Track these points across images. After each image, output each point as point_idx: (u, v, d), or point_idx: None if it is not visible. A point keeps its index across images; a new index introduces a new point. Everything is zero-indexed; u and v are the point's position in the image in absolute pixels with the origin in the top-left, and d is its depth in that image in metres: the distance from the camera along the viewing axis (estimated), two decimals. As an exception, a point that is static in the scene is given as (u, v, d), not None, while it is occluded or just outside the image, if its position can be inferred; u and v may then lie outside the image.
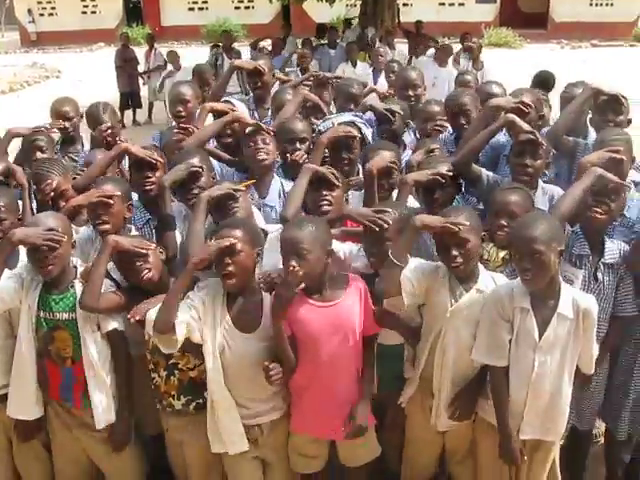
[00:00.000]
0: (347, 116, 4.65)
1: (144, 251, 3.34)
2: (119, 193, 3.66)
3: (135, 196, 4.00)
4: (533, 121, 4.20)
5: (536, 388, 3.15)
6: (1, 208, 3.65)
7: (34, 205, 4.11)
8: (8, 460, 3.75)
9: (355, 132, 4.20)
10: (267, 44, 13.12)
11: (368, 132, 4.60)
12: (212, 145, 4.79)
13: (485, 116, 4.16)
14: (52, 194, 3.97)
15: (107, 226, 3.63)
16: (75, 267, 3.46)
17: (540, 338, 3.10)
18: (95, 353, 3.38)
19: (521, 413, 3.21)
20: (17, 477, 3.81)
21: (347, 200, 4.01)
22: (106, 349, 3.44)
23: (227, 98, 5.59)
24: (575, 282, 3.52)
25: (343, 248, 3.54)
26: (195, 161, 3.84)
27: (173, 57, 12.97)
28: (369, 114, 4.95)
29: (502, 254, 3.53)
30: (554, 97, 5.44)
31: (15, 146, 4.90)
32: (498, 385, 3.22)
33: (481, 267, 3.32)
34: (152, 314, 3.15)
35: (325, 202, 3.69)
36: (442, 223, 3.13)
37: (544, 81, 6.38)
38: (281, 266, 3.21)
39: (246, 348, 3.23)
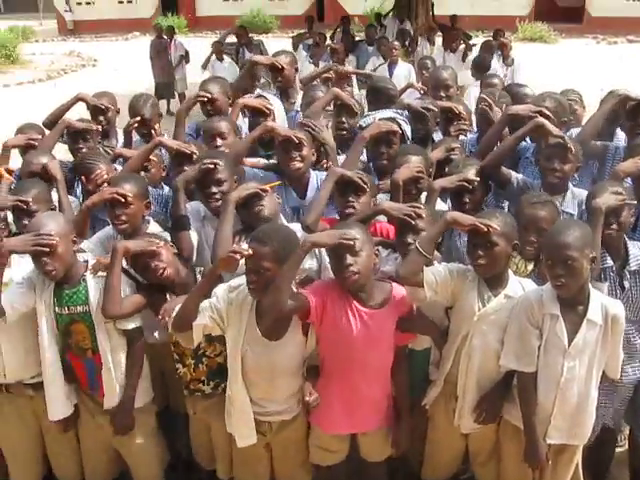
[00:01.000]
0: (387, 112, 4.71)
1: (155, 249, 3.37)
2: (132, 192, 3.68)
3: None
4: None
5: (564, 393, 3.17)
6: (31, 200, 3.72)
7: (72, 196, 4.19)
8: (40, 448, 3.81)
9: (396, 127, 4.23)
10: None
11: (408, 129, 4.65)
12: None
13: (505, 120, 4.19)
14: (105, 185, 3.96)
15: (125, 225, 3.69)
16: (86, 261, 3.49)
17: (569, 344, 3.12)
18: (109, 343, 3.44)
19: (548, 417, 3.23)
20: (47, 463, 3.88)
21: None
22: (121, 338, 3.50)
23: (260, 92, 5.64)
24: None
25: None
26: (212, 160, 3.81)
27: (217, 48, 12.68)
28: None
29: (530, 267, 3.56)
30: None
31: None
32: (526, 390, 3.24)
33: (511, 273, 3.34)
34: (174, 312, 3.22)
35: (350, 208, 3.66)
36: (472, 222, 3.17)
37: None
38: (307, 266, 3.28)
39: (269, 355, 3.25)
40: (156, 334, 3.68)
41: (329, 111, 5.03)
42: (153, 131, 4.97)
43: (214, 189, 3.79)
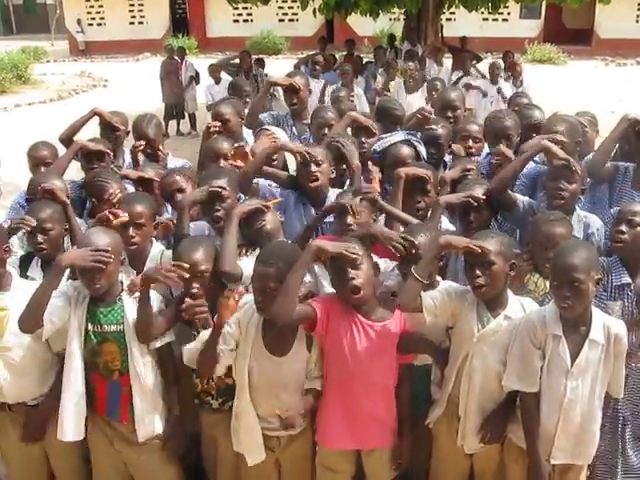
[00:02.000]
0: (401, 135, 4.70)
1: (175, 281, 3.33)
2: (145, 213, 3.77)
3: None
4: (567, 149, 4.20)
5: (567, 413, 3.16)
6: (46, 219, 3.74)
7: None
8: (44, 471, 3.77)
9: (429, 174, 4.10)
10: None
11: (422, 149, 4.65)
12: None
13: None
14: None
15: (134, 247, 3.72)
16: (121, 282, 3.49)
17: (572, 364, 3.11)
18: (142, 365, 3.42)
19: (552, 438, 3.21)
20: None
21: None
22: (153, 360, 3.49)
23: (265, 115, 5.73)
24: (612, 315, 3.45)
25: (379, 262, 3.57)
26: (219, 183, 3.88)
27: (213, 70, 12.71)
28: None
29: (548, 284, 3.52)
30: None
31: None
32: (529, 411, 3.23)
33: (510, 293, 3.33)
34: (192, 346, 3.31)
35: (349, 229, 3.68)
36: (466, 244, 3.17)
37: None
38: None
39: (274, 371, 3.29)
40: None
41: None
42: (159, 152, 5.01)
43: (218, 207, 3.85)
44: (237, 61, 12.66)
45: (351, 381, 3.32)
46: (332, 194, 4.25)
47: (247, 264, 3.52)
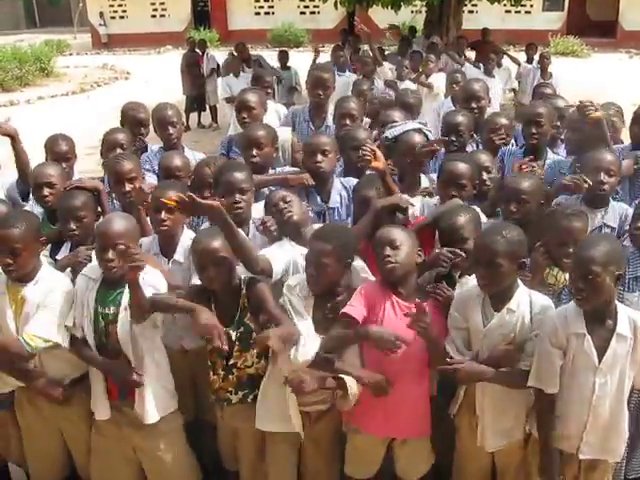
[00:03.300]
0: (413, 123, 4.71)
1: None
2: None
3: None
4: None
5: (597, 410, 3.12)
6: (80, 207, 3.82)
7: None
8: (61, 447, 3.83)
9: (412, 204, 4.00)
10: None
11: (432, 138, 4.63)
12: None
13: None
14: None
15: (166, 228, 3.78)
16: None
17: (600, 360, 3.07)
18: (144, 345, 3.45)
19: (580, 434, 3.18)
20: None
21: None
22: (155, 340, 3.53)
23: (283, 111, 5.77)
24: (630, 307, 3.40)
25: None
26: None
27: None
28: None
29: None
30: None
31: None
32: (546, 412, 3.21)
33: (520, 286, 3.29)
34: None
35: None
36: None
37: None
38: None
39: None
40: (187, 341, 3.74)
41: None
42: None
43: (237, 197, 3.85)
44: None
45: (389, 364, 3.32)
46: (337, 183, 4.39)
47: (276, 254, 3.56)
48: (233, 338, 3.43)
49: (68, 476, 3.92)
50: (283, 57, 12.12)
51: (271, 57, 13.56)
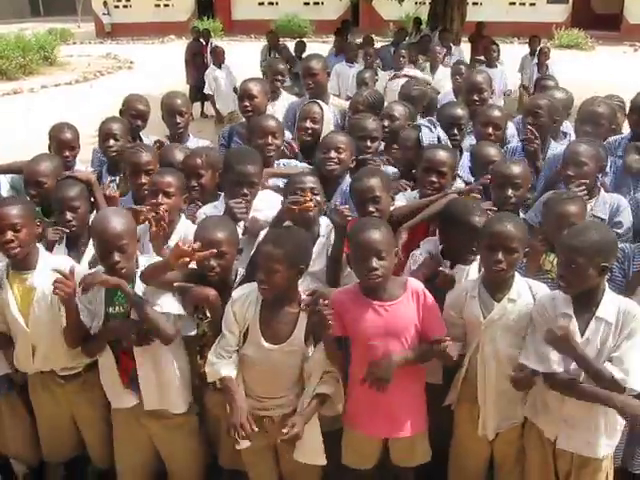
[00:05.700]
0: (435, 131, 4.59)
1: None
2: (174, 186, 3.85)
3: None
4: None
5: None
6: (75, 197, 3.85)
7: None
8: (72, 432, 3.86)
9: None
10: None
11: (424, 133, 4.48)
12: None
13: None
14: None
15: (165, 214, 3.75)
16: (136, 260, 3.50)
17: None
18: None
19: (559, 419, 3.17)
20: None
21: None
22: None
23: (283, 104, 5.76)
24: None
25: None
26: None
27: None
28: None
29: None
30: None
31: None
32: (565, 384, 3.11)
33: (517, 275, 3.30)
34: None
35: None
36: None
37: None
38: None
39: (268, 358, 3.28)
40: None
41: None
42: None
43: (246, 191, 3.88)
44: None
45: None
46: (345, 183, 4.27)
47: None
48: None
49: (79, 455, 3.96)
50: (300, 47, 12.05)
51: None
